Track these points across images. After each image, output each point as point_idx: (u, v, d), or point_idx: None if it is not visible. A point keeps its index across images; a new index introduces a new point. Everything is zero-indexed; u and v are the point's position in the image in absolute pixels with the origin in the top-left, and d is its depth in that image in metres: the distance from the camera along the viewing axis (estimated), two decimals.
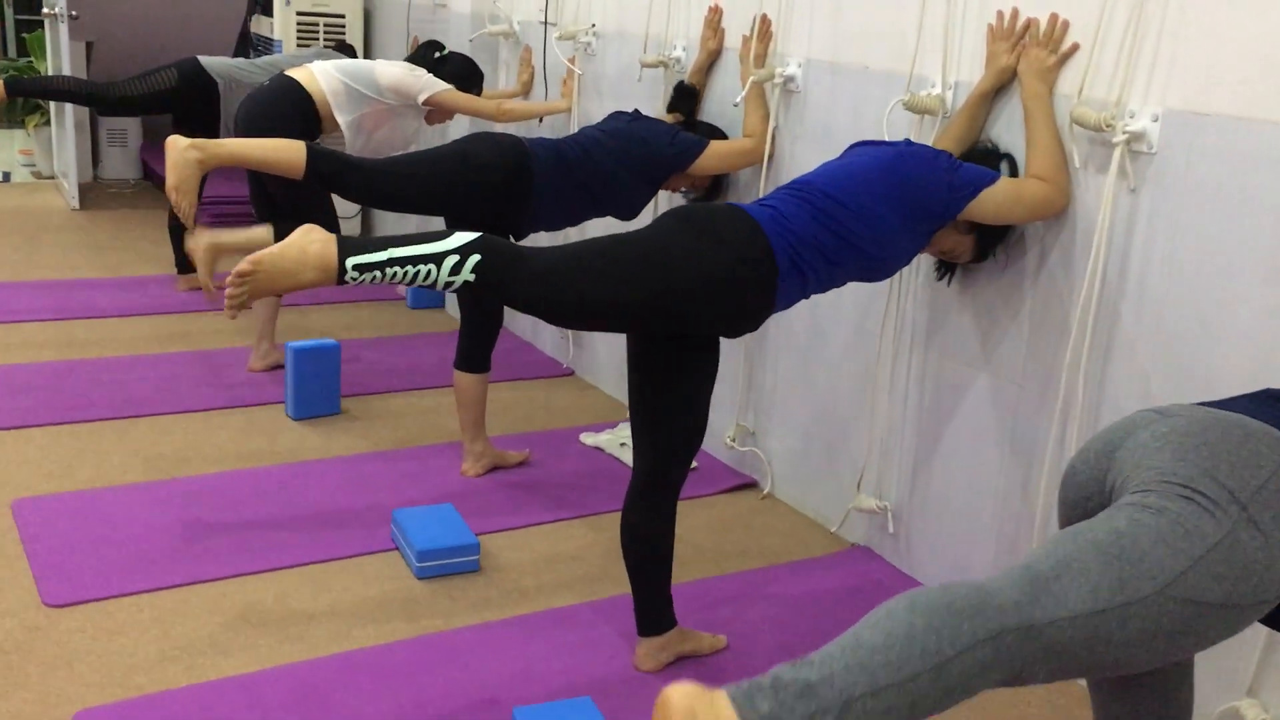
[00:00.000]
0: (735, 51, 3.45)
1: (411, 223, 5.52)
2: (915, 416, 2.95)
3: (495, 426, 3.58)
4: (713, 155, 3.28)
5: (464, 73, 4.15)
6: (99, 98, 4.82)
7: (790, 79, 3.23)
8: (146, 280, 5.18)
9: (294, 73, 3.86)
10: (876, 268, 2.39)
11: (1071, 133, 2.45)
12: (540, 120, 4.37)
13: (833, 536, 3.20)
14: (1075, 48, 2.47)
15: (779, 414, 3.42)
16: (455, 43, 4.78)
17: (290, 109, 3.86)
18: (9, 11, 8.99)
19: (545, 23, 4.33)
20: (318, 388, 3.78)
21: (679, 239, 2.21)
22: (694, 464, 3.54)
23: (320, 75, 3.87)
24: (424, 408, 3.98)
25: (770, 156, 3.29)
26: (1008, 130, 2.64)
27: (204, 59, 4.78)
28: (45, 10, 6.51)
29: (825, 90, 3.14)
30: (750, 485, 3.50)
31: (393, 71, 3.92)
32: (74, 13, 6.22)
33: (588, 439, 3.75)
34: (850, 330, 3.12)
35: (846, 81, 3.07)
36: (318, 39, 5.66)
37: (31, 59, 7.44)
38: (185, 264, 5.08)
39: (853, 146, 2.57)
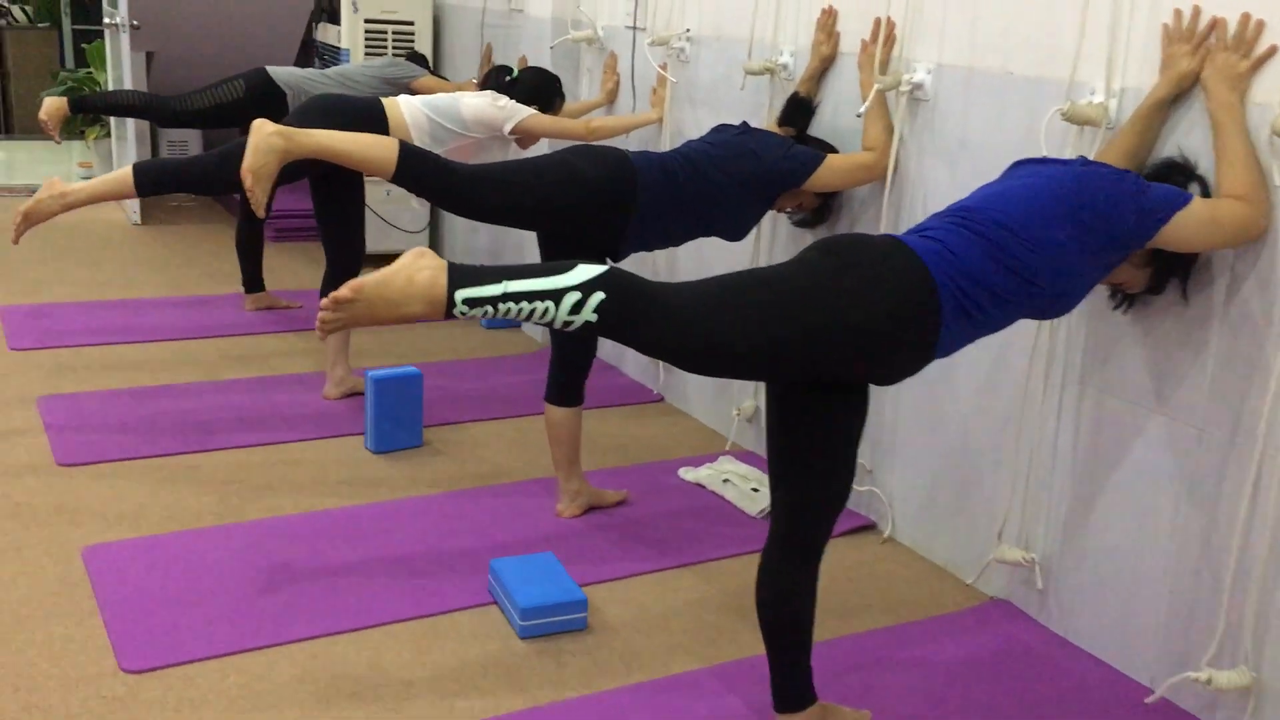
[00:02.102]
0: (851, 57, 3.18)
1: (482, 242, 5.30)
2: (1069, 459, 2.66)
3: (584, 460, 3.33)
4: (831, 170, 3.02)
5: (540, 90, 3.92)
6: (164, 111, 4.63)
7: (918, 86, 2.95)
8: (213, 299, 4.98)
9: (385, 102, 3.73)
10: (1053, 305, 2.11)
11: (1272, 147, 2.15)
12: (627, 135, 4.12)
13: (967, 589, 2.92)
14: (1273, 50, 2.18)
15: (901, 450, 3.14)
16: (534, 50, 4.55)
17: (360, 127, 3.66)
18: (66, 22, 8.89)
19: (634, 27, 4.08)
20: (399, 419, 3.55)
21: (830, 277, 1.93)
22: None
23: (404, 106, 3.71)
24: (509, 438, 3.74)
25: (893, 171, 3.01)
26: (1187, 144, 2.34)
27: (272, 69, 4.58)
28: (106, 21, 6.36)
29: (959, 99, 2.86)
30: (868, 527, 3.23)
31: (476, 103, 3.73)
32: (135, 22, 6.07)
33: (687, 474, 3.49)
34: (988, 360, 2.83)
35: (984, 89, 2.79)
36: (386, 47, 5.46)
37: (91, 69, 7.32)
38: (254, 282, 4.89)
39: (1015, 166, 2.28)
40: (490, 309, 1.81)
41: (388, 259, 1.90)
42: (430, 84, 4.77)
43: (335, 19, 5.53)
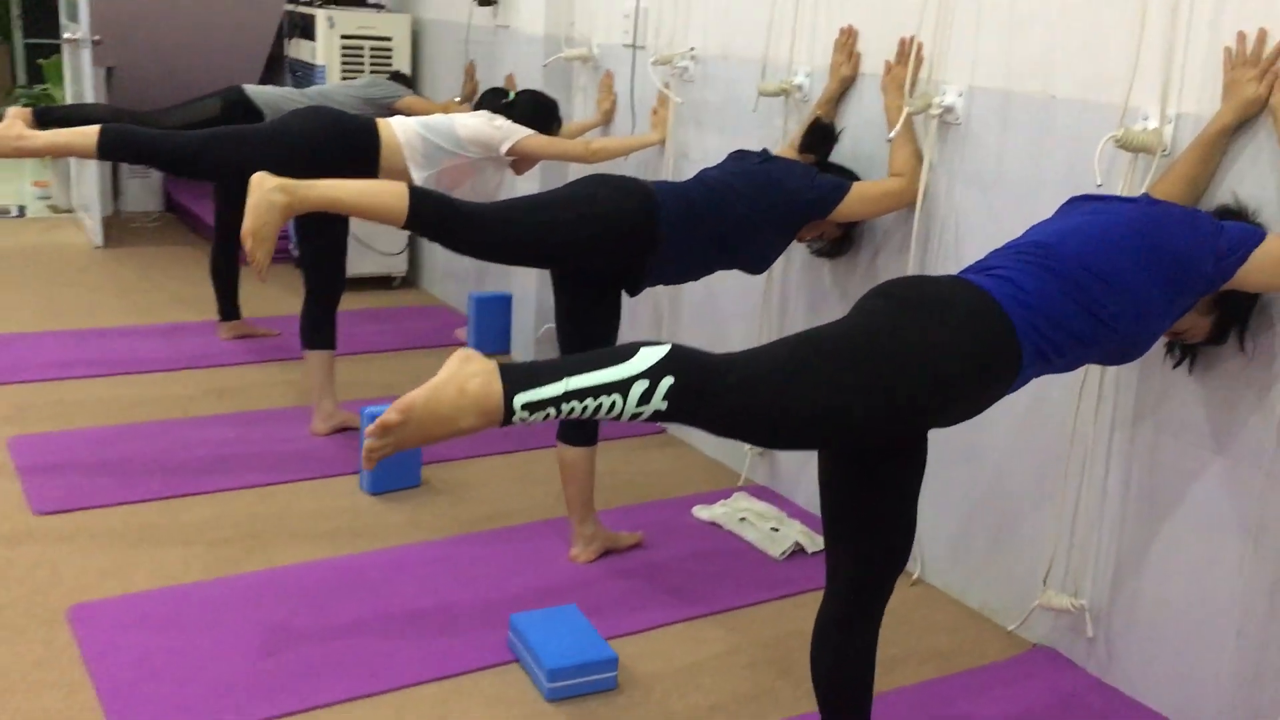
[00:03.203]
0: (873, 78, 3.05)
1: (465, 264, 5.12)
2: (1120, 501, 2.54)
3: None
4: (858, 199, 2.89)
5: (538, 112, 3.78)
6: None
7: (948, 109, 2.83)
8: (185, 327, 4.76)
9: (378, 121, 3.57)
10: (1124, 352, 1.99)
11: None
12: (626, 156, 3.98)
13: (1009, 636, 2.79)
14: None
15: (932, 488, 2.96)
16: (521, 68, 4.39)
17: (349, 145, 3.50)
18: (19, 36, 8.57)
19: (633, 46, 3.93)
20: (397, 458, 3.35)
21: (906, 330, 1.77)
22: None
23: (398, 125, 3.54)
24: (509, 475, 3.56)
25: (922, 199, 2.89)
26: (1251, 173, 2.24)
27: (249, 88, 4.38)
28: (65, 36, 6.11)
29: (995, 123, 2.74)
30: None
31: (472, 123, 3.58)
32: (97, 37, 5.83)
33: (702, 513, 3.34)
34: (1026, 396, 2.70)
35: (1024, 113, 2.67)
36: (364, 64, 5.27)
37: (48, 86, 7.05)
38: (229, 310, 4.68)
39: (1075, 202, 2.14)
40: (552, 410, 1.63)
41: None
42: (414, 104, 4.60)
43: (309, 34, 5.34)
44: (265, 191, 2.50)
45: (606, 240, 2.70)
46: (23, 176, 7.53)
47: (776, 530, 3.20)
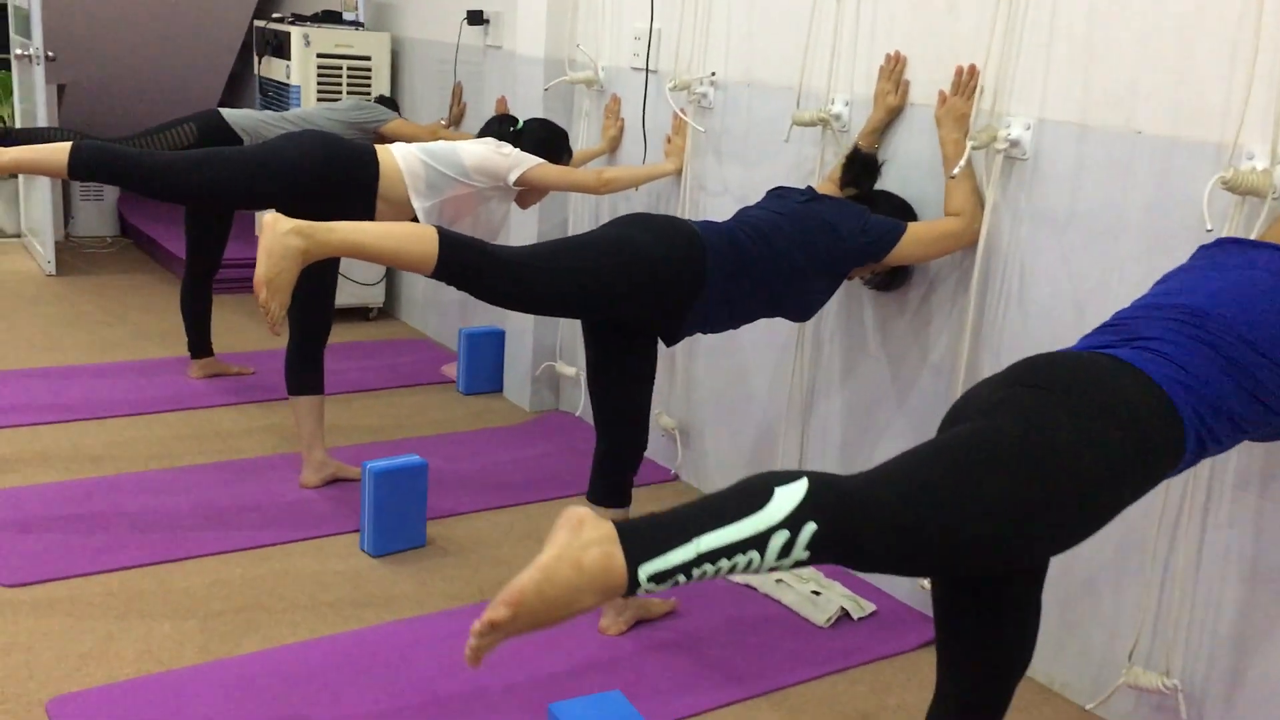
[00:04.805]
0: (921, 108, 2.85)
1: (450, 294, 4.84)
2: (1219, 571, 2.33)
3: None
4: (914, 242, 2.67)
5: (548, 141, 3.54)
6: None
7: (1014, 144, 2.63)
8: (153, 365, 4.43)
9: (378, 147, 3.32)
10: (1275, 433, 1.79)
11: None
12: (636, 188, 3.74)
13: (1086, 715, 2.57)
14: None
15: None
16: (519, 92, 4.14)
17: (347, 173, 3.24)
18: None
19: (646, 70, 3.70)
20: (400, 516, 3.09)
21: (1057, 427, 1.53)
22: (873, 608, 2.94)
23: (398, 152, 3.30)
24: (519, 532, 3.30)
25: (984, 240, 2.68)
26: None
27: (226, 112, 4.09)
28: (17, 52, 5.75)
29: (1068, 159, 2.54)
30: None
31: (478, 150, 3.34)
32: (51, 53, 5.49)
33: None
34: None
35: (1101, 148, 2.47)
36: (341, 85, 4.98)
37: None
38: (201, 347, 4.36)
39: (1218, 247, 1.92)
40: (681, 577, 1.40)
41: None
42: (401, 128, 4.34)
43: (283, 53, 5.04)
44: (280, 235, 2.22)
45: (649, 288, 2.46)
46: None
47: (818, 594, 2.97)
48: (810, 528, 1.40)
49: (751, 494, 1.44)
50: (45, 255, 5.72)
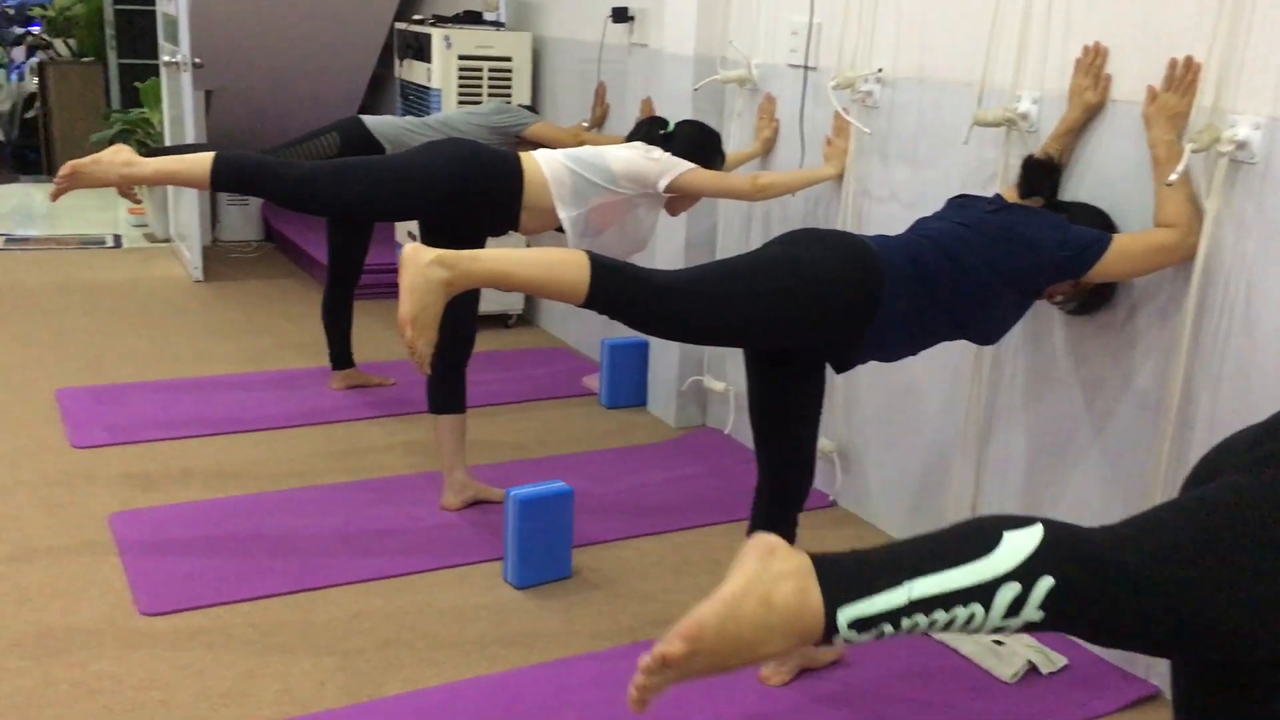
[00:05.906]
0: (1125, 105, 2.54)
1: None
2: None
3: None
4: (1120, 256, 2.38)
5: (701, 146, 3.33)
6: None
7: (1241, 146, 2.31)
8: (295, 376, 4.38)
9: (521, 155, 3.17)
10: None
11: None
12: (794, 194, 3.50)
13: None
14: None
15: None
16: (665, 92, 3.94)
17: (491, 183, 3.09)
18: (113, 57, 8.31)
19: (805, 66, 3.45)
20: (545, 546, 2.92)
21: None
22: (1064, 662, 2.65)
23: (543, 159, 3.14)
24: (669, 563, 3.10)
25: (1204, 254, 2.37)
26: None
27: (369, 119, 3.99)
28: (165, 59, 5.80)
29: None
30: (1152, 697, 2.57)
31: (626, 155, 3.16)
32: (198, 60, 5.51)
33: None
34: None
35: None
36: (481, 87, 4.86)
37: (144, 109, 6.77)
38: (342, 358, 4.29)
39: None
40: (888, 627, 1.19)
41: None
42: (544, 132, 4.18)
43: (423, 56, 4.94)
44: (422, 267, 2.05)
45: (820, 316, 2.22)
46: (118, 204, 7.26)
47: (1000, 644, 2.69)
48: (1046, 582, 1.17)
49: (975, 536, 1.22)
50: (193, 261, 5.76)
